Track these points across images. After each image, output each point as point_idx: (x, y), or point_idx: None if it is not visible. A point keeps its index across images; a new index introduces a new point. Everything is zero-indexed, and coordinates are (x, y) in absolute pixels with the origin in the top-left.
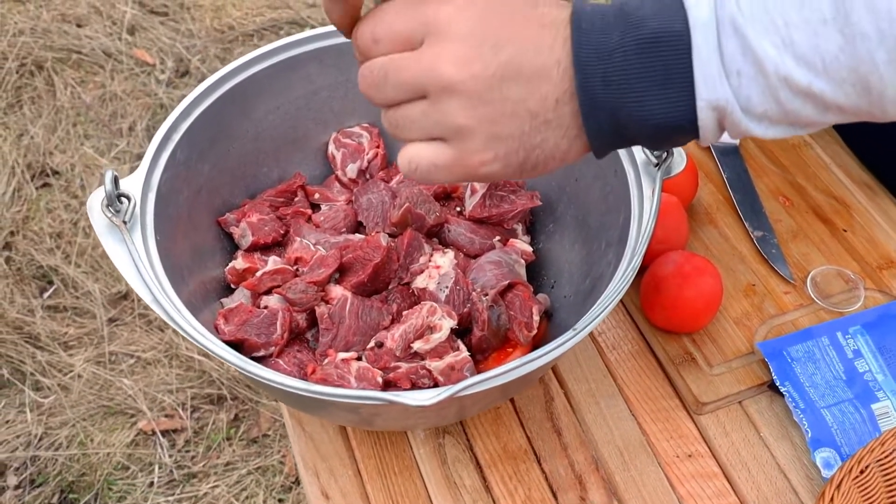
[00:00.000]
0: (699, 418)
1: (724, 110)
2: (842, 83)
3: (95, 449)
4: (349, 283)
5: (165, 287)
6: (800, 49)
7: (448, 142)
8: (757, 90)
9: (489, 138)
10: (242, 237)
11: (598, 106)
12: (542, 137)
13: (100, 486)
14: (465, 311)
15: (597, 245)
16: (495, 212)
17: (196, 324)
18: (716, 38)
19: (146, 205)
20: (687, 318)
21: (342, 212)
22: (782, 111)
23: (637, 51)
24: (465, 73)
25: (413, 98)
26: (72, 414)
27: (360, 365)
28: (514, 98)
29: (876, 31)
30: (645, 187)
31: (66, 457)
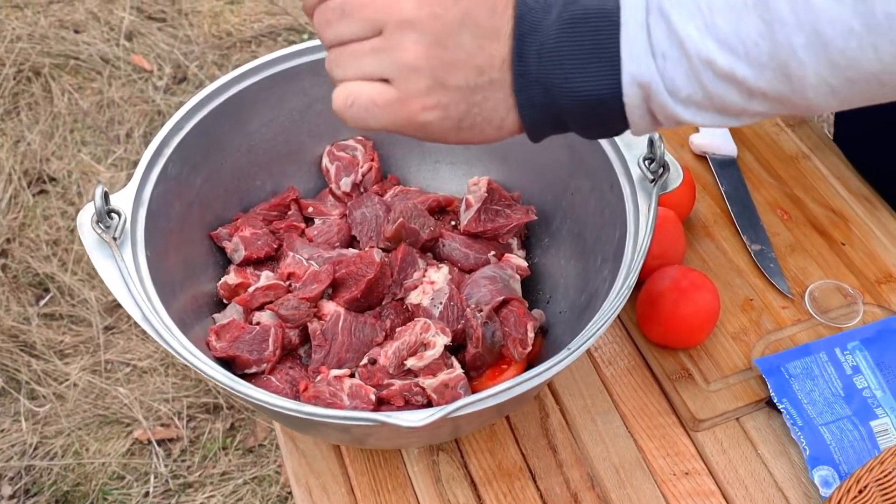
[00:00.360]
0: (696, 435)
1: (649, 88)
2: (763, 68)
3: (91, 458)
4: (342, 298)
5: (155, 304)
6: (722, 33)
7: (392, 82)
8: (681, 73)
9: (435, 83)
10: (235, 251)
11: (531, 77)
12: (484, 96)
13: (95, 496)
14: (459, 328)
15: (592, 260)
16: (490, 226)
17: (186, 342)
18: (644, 19)
19: (137, 220)
20: (684, 334)
21: (336, 226)
22: (707, 95)
23: (570, 25)
24: (425, 10)
25: (366, 36)
26: (67, 423)
27: (353, 382)
28: (467, 48)
29: (793, 17)
30: (641, 203)
31: (61, 466)
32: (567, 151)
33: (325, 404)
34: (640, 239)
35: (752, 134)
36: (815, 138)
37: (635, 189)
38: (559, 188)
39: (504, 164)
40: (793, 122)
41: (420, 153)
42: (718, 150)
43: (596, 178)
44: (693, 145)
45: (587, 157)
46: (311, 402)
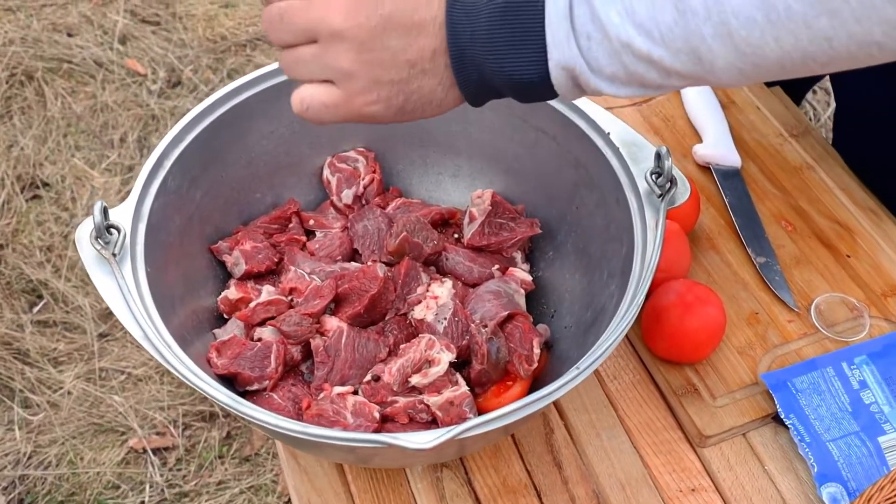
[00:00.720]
0: (702, 451)
1: (574, 70)
2: (678, 52)
3: (85, 468)
4: (345, 314)
5: (156, 321)
6: (639, 18)
7: (336, 84)
8: (603, 53)
9: (371, 81)
10: (235, 265)
11: (466, 60)
12: (419, 84)
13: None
14: (463, 344)
15: (598, 275)
16: (494, 240)
17: (187, 360)
18: (567, 5)
19: (136, 235)
20: (689, 349)
21: (337, 239)
22: (628, 73)
23: (500, 13)
24: (350, 21)
25: (305, 42)
26: (61, 432)
27: (357, 399)
28: (395, 48)
29: (703, 8)
30: (648, 218)
31: (55, 476)
32: (572, 165)
33: (328, 423)
34: (647, 256)
35: (756, 144)
36: (819, 149)
37: (642, 203)
38: (564, 201)
39: (508, 176)
40: (796, 133)
41: (423, 165)
42: (722, 160)
43: (602, 192)
44: (696, 156)
45: (593, 170)
46: (313, 420)
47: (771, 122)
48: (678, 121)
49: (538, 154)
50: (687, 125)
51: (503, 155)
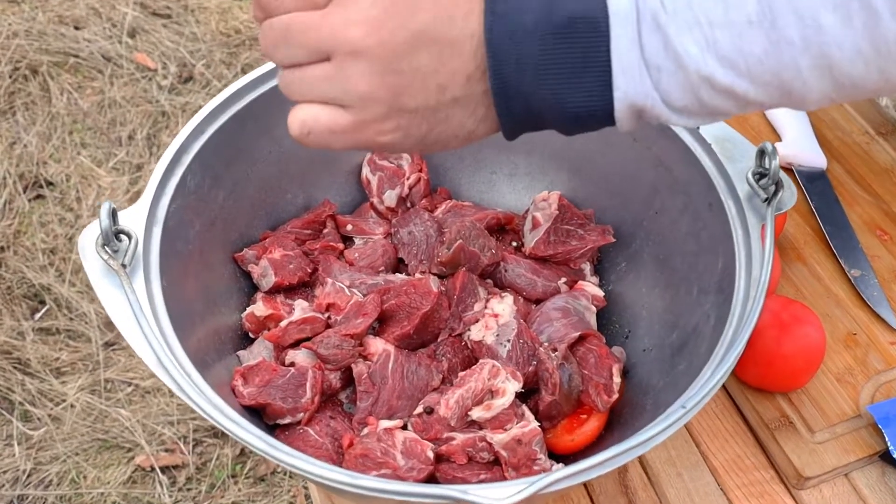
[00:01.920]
0: (800, 494)
1: (643, 103)
2: (765, 86)
3: (89, 487)
4: (392, 335)
5: (172, 344)
6: (723, 49)
7: (346, 108)
8: (677, 86)
9: (392, 109)
10: (263, 277)
11: (511, 90)
12: (448, 114)
13: None
14: (530, 371)
15: (685, 291)
16: (561, 249)
17: (209, 391)
18: (636, 31)
19: (150, 242)
20: (785, 377)
21: (380, 247)
22: (702, 105)
23: (554, 35)
24: (373, 38)
25: (315, 60)
26: (63, 448)
27: (407, 436)
28: (424, 69)
29: (801, 39)
30: (751, 226)
31: (56, 496)
32: (652, 164)
33: (374, 465)
34: (755, 271)
35: (840, 144)
36: None
37: (742, 208)
38: (640, 206)
39: (573, 176)
40: (884, 131)
41: (474, 163)
42: (806, 161)
43: (689, 196)
44: None
45: (678, 171)
46: (357, 462)
47: (856, 120)
48: (751, 117)
49: (610, 151)
50: (762, 121)
51: (568, 152)
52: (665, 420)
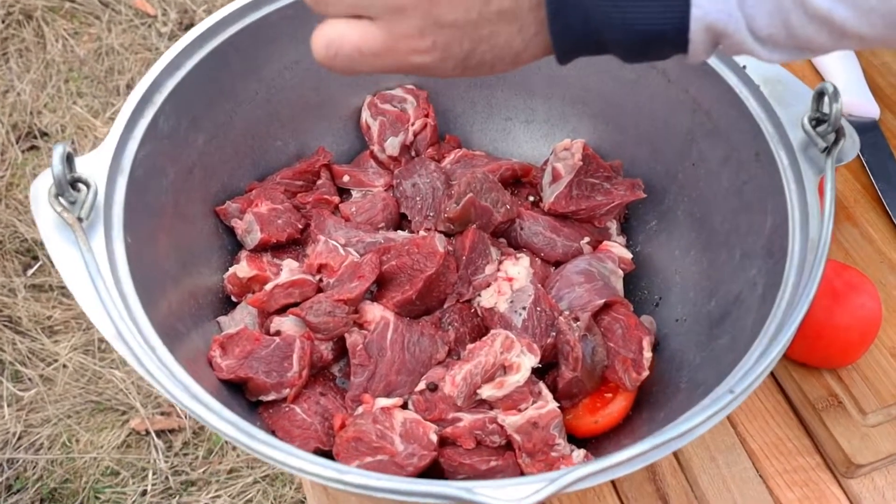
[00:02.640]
0: (849, 483)
1: (724, 26)
2: (869, 13)
3: (81, 451)
4: (392, 300)
5: (136, 313)
6: None
7: (377, 21)
8: (765, 8)
9: (428, 22)
10: (248, 233)
11: (570, 4)
12: (493, 30)
13: (85, 495)
14: (548, 343)
15: (726, 254)
16: (585, 205)
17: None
18: None
19: (114, 193)
20: (835, 351)
21: (380, 201)
22: (790, 35)
23: None
24: None
25: None
26: (55, 410)
27: (407, 417)
28: None
29: None
30: (807, 180)
31: (47, 460)
32: (689, 109)
33: (369, 450)
34: (811, 230)
35: (894, 92)
36: None
37: (796, 160)
38: (673, 156)
39: (598, 123)
40: None
41: (487, 108)
42: (857, 110)
43: (732, 145)
44: None
45: (720, 116)
46: (349, 447)
47: None
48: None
49: (640, 94)
50: (808, 67)
51: (592, 95)
52: (709, 407)
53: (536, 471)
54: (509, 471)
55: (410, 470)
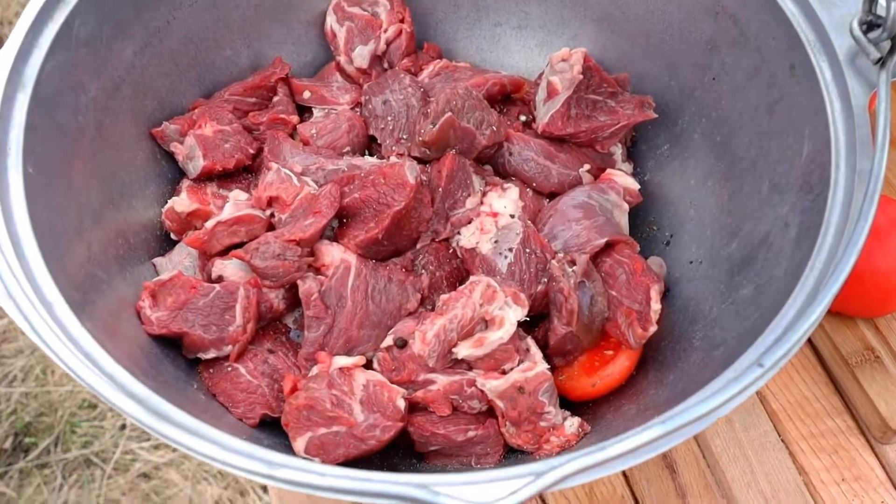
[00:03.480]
0: (884, 450)
1: None
2: None
3: (56, 384)
4: (354, 240)
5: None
6: None
7: None
8: None
9: None
10: (189, 159)
11: None
12: None
13: (61, 429)
14: (539, 291)
15: (752, 186)
16: (585, 126)
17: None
18: None
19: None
20: (875, 299)
21: (345, 121)
22: None
23: None
24: None
25: None
26: (27, 341)
27: (370, 379)
28: None
29: None
30: (854, 97)
31: (21, 393)
32: (710, 11)
33: (323, 421)
34: (860, 158)
35: None
36: None
37: (842, 72)
38: (691, 69)
39: (602, 29)
40: None
41: (473, 11)
42: None
43: (762, 55)
44: None
45: (748, 20)
46: (301, 416)
47: None
48: None
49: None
50: None
51: None
52: (733, 384)
53: (523, 443)
54: (490, 442)
55: (373, 444)
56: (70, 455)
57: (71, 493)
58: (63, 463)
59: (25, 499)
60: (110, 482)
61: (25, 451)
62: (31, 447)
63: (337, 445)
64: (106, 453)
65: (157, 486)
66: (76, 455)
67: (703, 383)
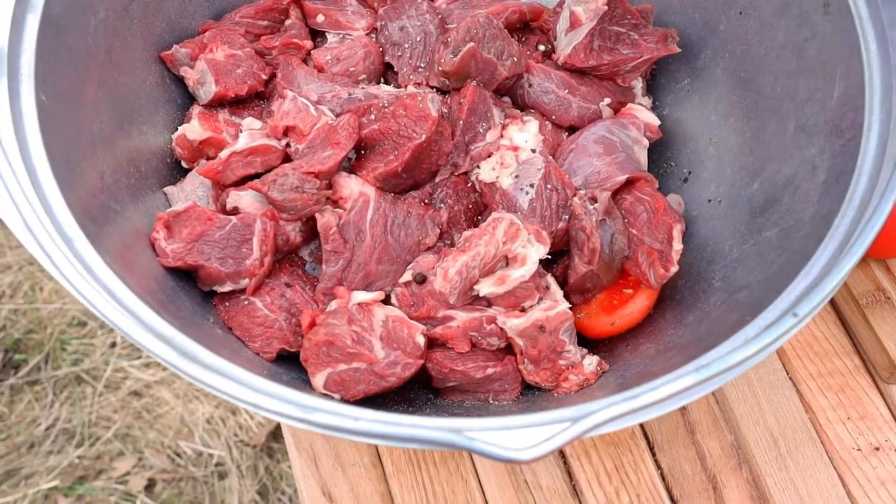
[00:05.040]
0: (890, 389)
1: None
2: None
3: (45, 301)
4: (373, 172)
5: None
6: None
7: None
8: None
9: None
10: (200, 85)
11: None
12: None
13: (51, 346)
14: (559, 229)
15: (776, 125)
16: (608, 59)
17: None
18: None
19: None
20: (889, 240)
21: (361, 48)
22: None
23: None
24: None
25: None
26: (15, 256)
27: (389, 315)
28: None
29: None
30: (893, 37)
31: (10, 310)
32: None
33: (343, 357)
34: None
35: None
36: None
37: (879, 11)
38: (715, 2)
39: None
40: None
41: None
42: None
43: None
44: None
45: None
46: (321, 352)
47: None
48: None
49: None
50: None
51: None
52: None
53: (541, 380)
54: (509, 379)
55: (393, 381)
56: (60, 372)
57: (62, 409)
58: (54, 380)
59: (17, 415)
60: (101, 400)
61: (16, 368)
62: (21, 364)
63: (357, 382)
64: (97, 371)
65: (149, 404)
66: (67, 372)
67: (730, 327)
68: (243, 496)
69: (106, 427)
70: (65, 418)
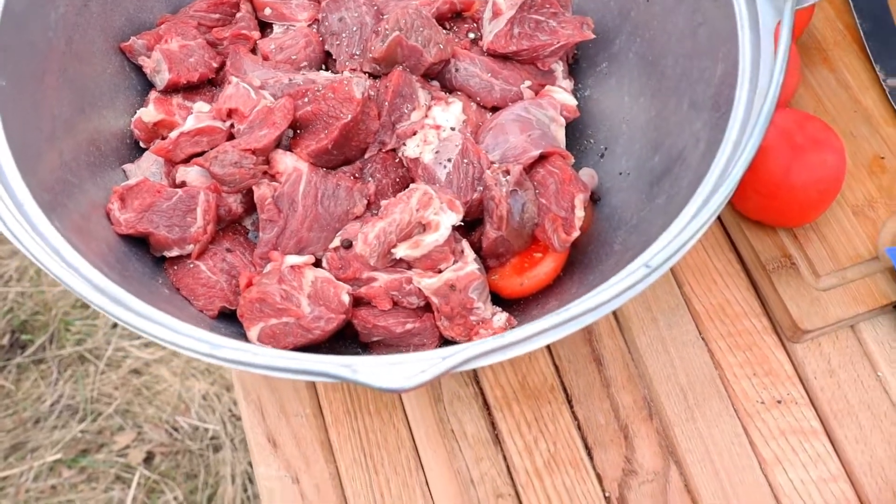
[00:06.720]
0: (794, 348)
1: None
2: None
3: (50, 284)
4: (306, 149)
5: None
6: None
7: None
8: None
9: None
10: (156, 73)
11: None
12: None
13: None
14: (475, 199)
15: (675, 103)
16: (527, 45)
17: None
18: None
19: None
20: (794, 209)
21: (303, 38)
22: None
23: None
24: None
25: None
26: None
27: (318, 276)
28: None
29: None
30: (762, 24)
31: (16, 292)
32: None
33: (274, 312)
34: (762, 81)
35: None
36: None
37: (754, 2)
38: None
39: None
40: None
41: None
42: None
43: None
44: None
45: None
46: (255, 307)
47: None
48: None
49: None
50: None
51: None
52: (619, 283)
53: (455, 335)
54: (427, 333)
55: (318, 333)
56: (65, 352)
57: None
58: (58, 359)
59: (23, 392)
60: (103, 377)
61: (22, 348)
62: (27, 344)
63: (286, 335)
64: (99, 350)
65: (148, 382)
66: (70, 352)
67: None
68: (236, 468)
69: (107, 403)
70: (68, 395)
